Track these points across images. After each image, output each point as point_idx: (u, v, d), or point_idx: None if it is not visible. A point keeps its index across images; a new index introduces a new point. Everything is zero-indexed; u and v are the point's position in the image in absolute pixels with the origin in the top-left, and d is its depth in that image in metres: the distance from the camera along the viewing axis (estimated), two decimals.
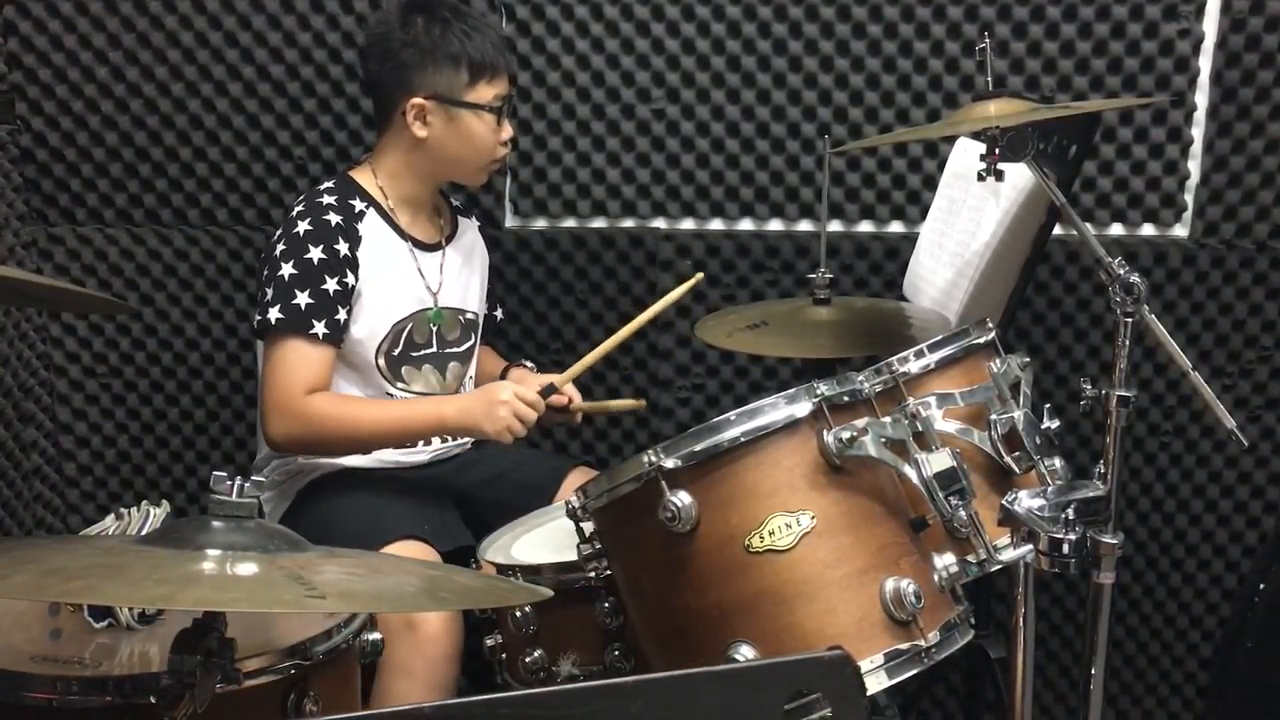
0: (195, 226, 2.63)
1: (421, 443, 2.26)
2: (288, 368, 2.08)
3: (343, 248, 2.11)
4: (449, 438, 2.30)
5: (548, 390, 2.16)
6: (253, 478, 1.30)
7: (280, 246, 2.10)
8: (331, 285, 2.09)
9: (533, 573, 1.77)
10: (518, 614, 1.74)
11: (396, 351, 2.21)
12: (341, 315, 2.11)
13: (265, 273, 2.11)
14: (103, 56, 2.55)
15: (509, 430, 2.08)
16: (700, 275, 2.27)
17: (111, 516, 1.75)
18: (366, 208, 2.17)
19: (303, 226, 2.10)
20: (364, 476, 2.20)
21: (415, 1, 2.16)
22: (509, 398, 2.09)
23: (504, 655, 1.80)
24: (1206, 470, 2.59)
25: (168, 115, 2.57)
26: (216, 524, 1.26)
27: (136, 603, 1.47)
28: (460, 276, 2.32)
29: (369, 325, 2.17)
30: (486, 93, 2.15)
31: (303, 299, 2.07)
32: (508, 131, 2.20)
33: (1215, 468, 2.59)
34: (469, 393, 2.21)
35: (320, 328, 2.08)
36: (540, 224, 2.63)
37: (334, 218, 2.12)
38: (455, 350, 2.30)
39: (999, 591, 2.38)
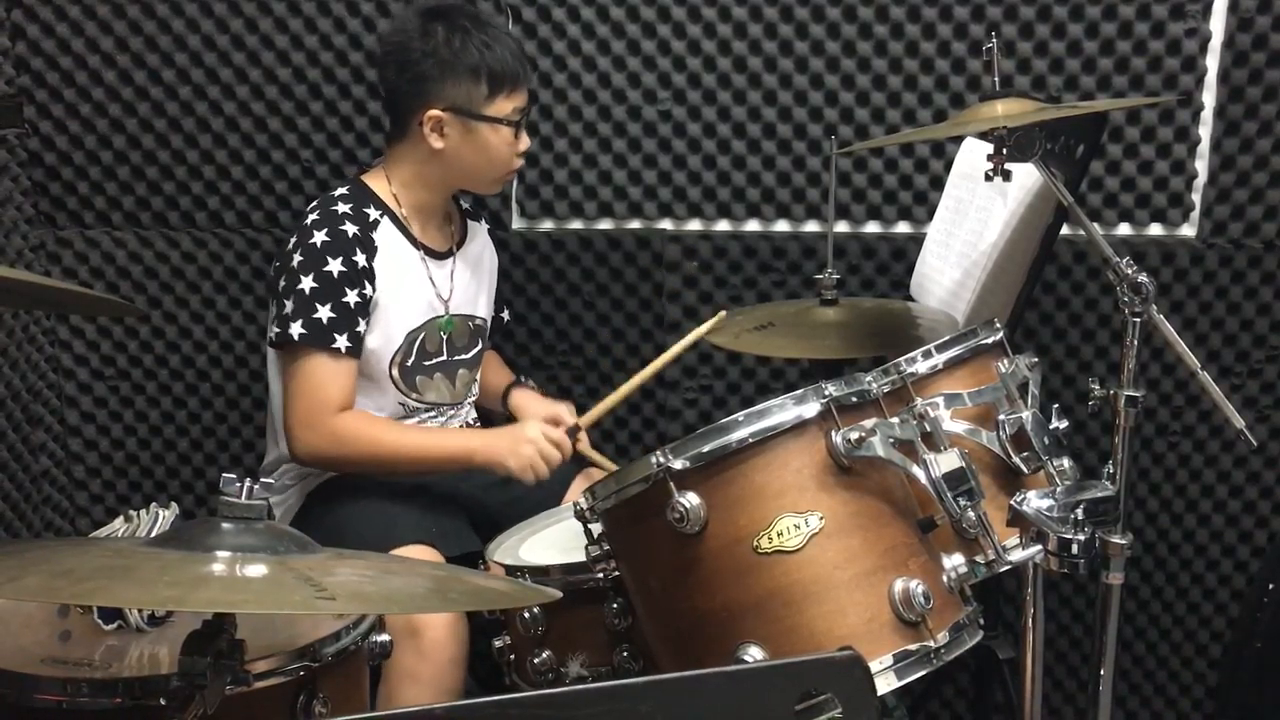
0: (202, 229, 2.63)
1: None
2: (315, 384, 2.08)
3: (360, 259, 2.10)
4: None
5: (573, 431, 2.18)
6: (263, 480, 1.30)
7: (298, 257, 2.09)
8: (352, 297, 2.09)
9: (541, 574, 1.77)
10: (526, 615, 1.74)
11: (410, 362, 2.21)
12: (361, 327, 2.11)
13: (283, 284, 2.10)
14: (110, 60, 2.55)
15: (531, 469, 2.09)
16: (724, 314, 2.26)
17: (120, 519, 1.76)
18: (381, 216, 2.17)
19: (320, 237, 2.09)
20: (373, 482, 2.20)
21: (434, 10, 2.13)
22: (536, 436, 2.10)
23: (512, 656, 1.80)
24: (1215, 470, 2.58)
25: (175, 118, 2.57)
26: (226, 526, 1.26)
27: (146, 604, 1.48)
28: (470, 283, 2.31)
29: (383, 335, 2.17)
30: (505, 106, 2.13)
31: (324, 313, 2.07)
32: (525, 143, 2.19)
33: (1224, 468, 2.58)
34: (499, 429, 2.21)
35: (343, 341, 2.08)
36: (547, 226, 2.63)
37: (351, 228, 2.11)
38: (464, 357, 2.31)
39: (1008, 592, 2.39)
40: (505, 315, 2.49)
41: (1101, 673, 1.67)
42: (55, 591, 1.22)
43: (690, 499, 1.47)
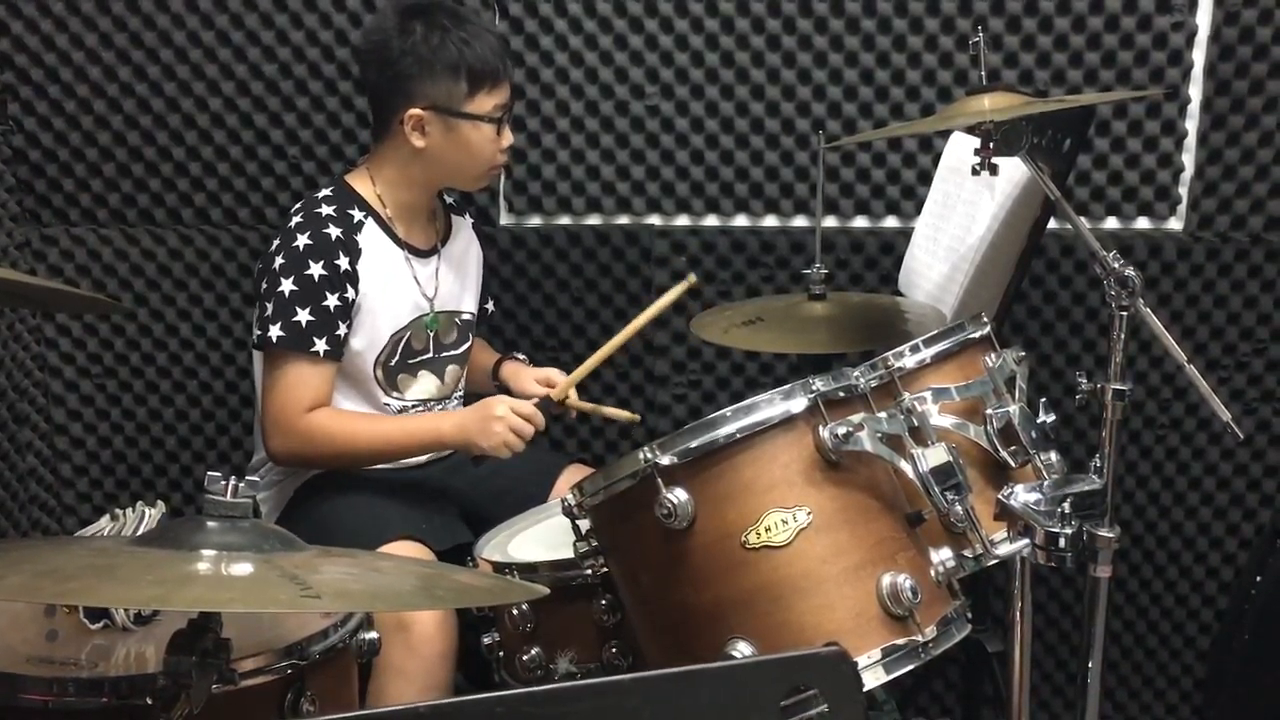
0: (189, 226, 2.62)
1: None
2: (288, 386, 2.08)
3: (343, 262, 2.09)
4: None
5: (544, 403, 2.15)
6: (248, 478, 1.29)
7: (280, 260, 2.08)
8: (332, 301, 2.08)
9: (529, 570, 1.76)
10: (515, 612, 1.74)
11: (394, 361, 2.21)
12: (342, 330, 2.10)
13: (265, 286, 2.10)
14: (95, 56, 2.54)
15: (505, 445, 2.08)
16: (693, 278, 2.26)
17: (107, 517, 1.75)
18: (365, 217, 2.16)
19: (302, 240, 2.08)
20: (360, 477, 2.20)
21: (413, 8, 2.12)
22: (504, 413, 2.09)
23: (501, 653, 1.80)
24: (1202, 463, 2.59)
25: (161, 115, 2.56)
26: (211, 524, 1.25)
27: (132, 603, 1.47)
28: (455, 279, 2.31)
29: (368, 337, 2.16)
30: (486, 103, 2.13)
31: (303, 316, 2.06)
32: (508, 140, 2.19)
33: (1211, 461, 2.59)
34: (466, 408, 2.20)
35: (321, 345, 2.07)
36: (535, 221, 2.62)
37: (334, 231, 2.10)
38: (453, 353, 2.30)
39: (996, 586, 2.39)
40: (489, 307, 2.48)
41: (1090, 665, 1.67)
42: (39, 591, 1.21)
43: (678, 495, 1.47)
